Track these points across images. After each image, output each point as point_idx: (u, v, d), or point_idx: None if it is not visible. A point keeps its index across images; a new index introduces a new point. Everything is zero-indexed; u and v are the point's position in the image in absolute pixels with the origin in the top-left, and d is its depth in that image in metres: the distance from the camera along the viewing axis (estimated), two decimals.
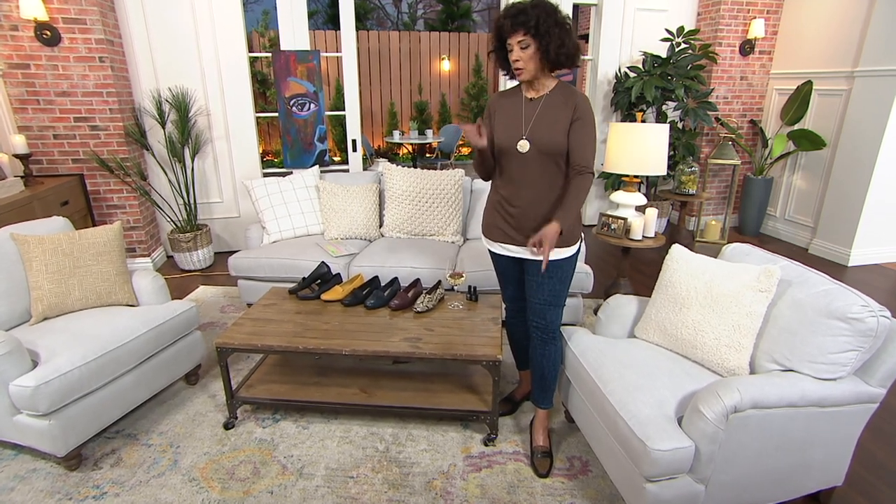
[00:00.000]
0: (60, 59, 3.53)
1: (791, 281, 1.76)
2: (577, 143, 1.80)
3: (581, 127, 1.79)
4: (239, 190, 4.36)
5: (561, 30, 1.72)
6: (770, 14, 4.65)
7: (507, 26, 1.74)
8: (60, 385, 1.84)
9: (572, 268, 1.95)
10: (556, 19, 1.72)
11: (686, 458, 1.52)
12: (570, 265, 1.93)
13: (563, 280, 1.93)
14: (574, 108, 1.80)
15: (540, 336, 1.97)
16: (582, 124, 1.79)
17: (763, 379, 1.58)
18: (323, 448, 2.10)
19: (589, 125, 1.81)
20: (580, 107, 1.80)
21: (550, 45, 1.72)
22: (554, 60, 1.77)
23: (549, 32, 1.71)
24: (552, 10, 1.73)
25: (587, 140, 1.80)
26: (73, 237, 2.28)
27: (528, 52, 1.74)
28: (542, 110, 1.84)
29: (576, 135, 1.80)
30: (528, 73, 1.79)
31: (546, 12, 1.72)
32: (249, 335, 2.12)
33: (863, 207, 3.96)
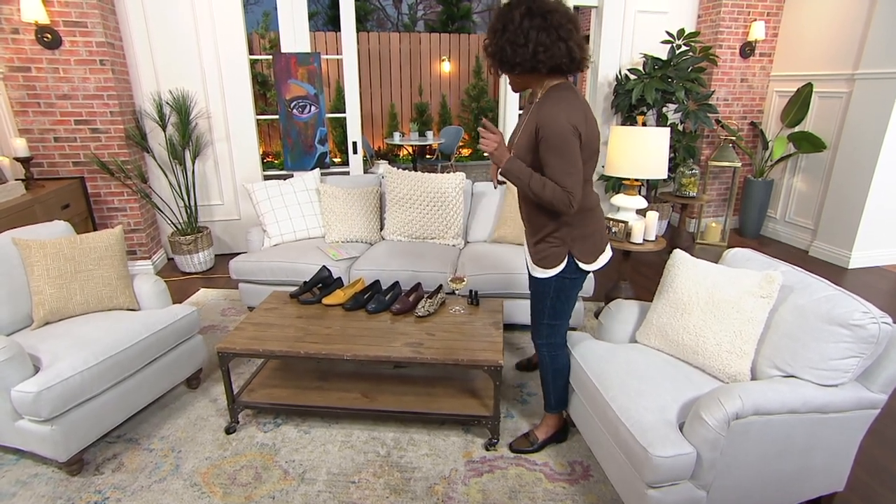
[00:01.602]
0: (61, 62, 3.53)
1: (793, 287, 1.76)
2: (545, 164, 1.65)
3: (544, 150, 1.63)
4: (239, 192, 4.37)
5: (505, 41, 1.61)
6: (770, 16, 4.65)
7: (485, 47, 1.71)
8: (62, 390, 1.84)
9: (546, 290, 1.88)
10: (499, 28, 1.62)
11: (688, 465, 1.52)
12: (543, 286, 1.88)
13: (537, 298, 1.93)
14: (537, 122, 1.64)
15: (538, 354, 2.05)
16: (545, 147, 1.63)
17: (765, 385, 1.58)
18: (324, 453, 2.10)
19: (552, 145, 1.61)
20: (542, 129, 1.62)
21: (496, 56, 1.65)
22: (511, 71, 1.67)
23: (496, 50, 1.64)
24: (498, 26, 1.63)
25: (551, 163, 1.63)
26: (75, 241, 2.28)
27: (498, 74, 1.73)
28: (523, 122, 1.76)
29: (542, 157, 1.65)
30: (516, 86, 1.77)
31: (491, 31, 1.64)
32: (251, 340, 2.12)
33: (863, 210, 3.96)
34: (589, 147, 1.69)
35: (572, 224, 1.78)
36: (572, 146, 1.61)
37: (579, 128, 1.61)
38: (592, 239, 1.83)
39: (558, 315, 1.93)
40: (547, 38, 1.57)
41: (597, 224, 1.86)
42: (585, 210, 1.80)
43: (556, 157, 1.61)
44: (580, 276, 1.86)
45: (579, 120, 1.62)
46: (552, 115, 1.60)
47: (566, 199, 1.63)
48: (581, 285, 1.91)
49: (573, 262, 1.81)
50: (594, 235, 1.84)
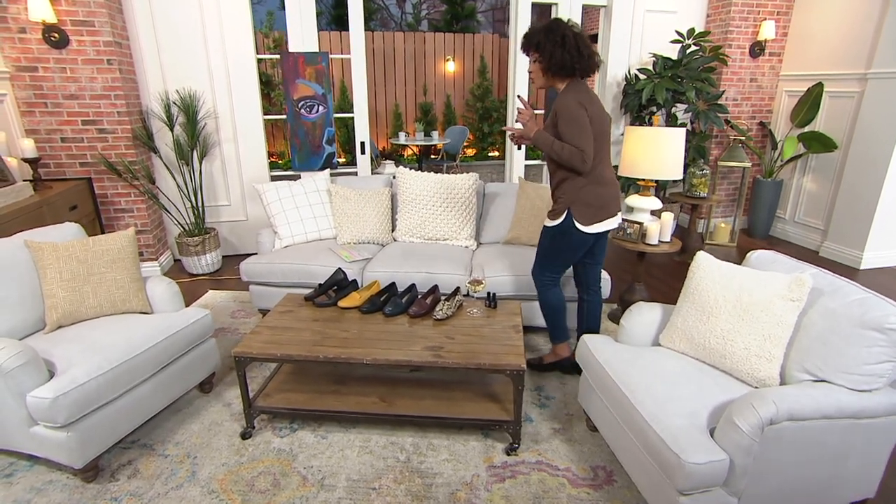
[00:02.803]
0: (68, 61, 3.49)
1: (822, 290, 1.73)
2: (562, 134, 2.16)
3: (563, 125, 2.15)
4: (247, 193, 4.33)
5: (553, 45, 2.12)
6: (780, 15, 4.63)
7: (522, 46, 2.25)
8: (78, 396, 1.81)
9: (545, 235, 2.38)
10: (553, 37, 2.12)
11: (721, 472, 1.49)
12: (544, 232, 2.38)
13: (539, 240, 2.44)
14: (555, 109, 2.18)
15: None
16: (563, 122, 2.15)
17: (798, 390, 1.55)
18: (343, 458, 2.07)
19: (564, 118, 2.13)
20: (558, 108, 2.16)
21: (543, 59, 2.16)
22: (551, 70, 2.17)
23: (544, 48, 2.14)
24: (553, 29, 2.14)
25: (565, 129, 2.14)
26: (87, 244, 2.25)
27: (535, 66, 2.22)
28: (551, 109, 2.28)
29: (560, 129, 2.16)
30: (538, 82, 2.26)
31: (547, 31, 2.14)
32: (267, 344, 2.09)
33: (876, 210, 3.94)
34: (598, 124, 2.18)
35: (579, 191, 2.23)
36: (580, 116, 2.12)
37: (584, 104, 2.13)
38: (593, 208, 2.25)
39: (548, 260, 2.41)
40: (578, 51, 2.14)
41: (602, 199, 2.27)
42: (594, 184, 2.24)
43: (568, 125, 2.12)
44: (573, 234, 2.27)
45: (585, 100, 2.15)
46: (564, 99, 2.16)
47: (580, 156, 2.12)
48: (575, 244, 2.31)
49: (570, 220, 2.25)
50: (595, 205, 2.26)
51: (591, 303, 2.58)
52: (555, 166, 2.27)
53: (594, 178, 2.23)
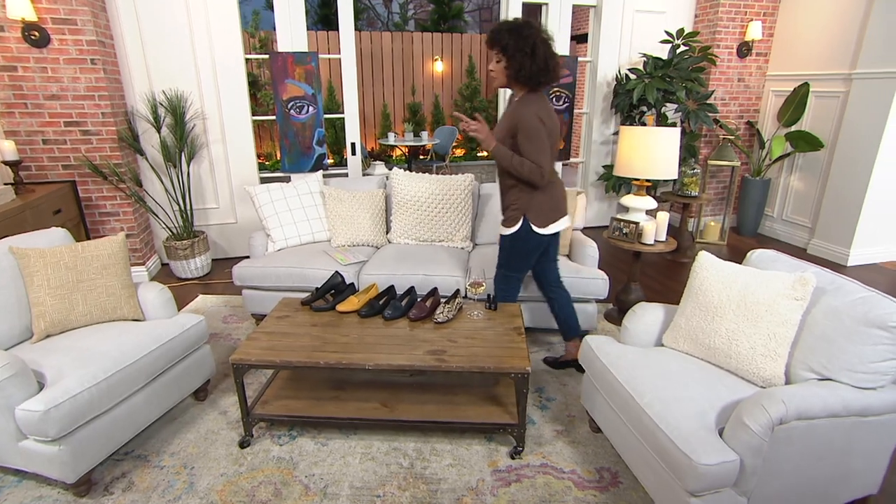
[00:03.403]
0: (49, 60, 3.39)
1: (825, 288, 1.75)
2: (522, 150, 2.18)
3: (523, 139, 2.16)
4: (236, 195, 4.25)
5: (524, 55, 2.08)
6: (766, 16, 4.69)
7: (487, 40, 2.17)
8: (71, 408, 1.74)
9: (503, 244, 2.42)
10: (524, 46, 2.07)
11: (732, 472, 1.49)
12: (502, 241, 2.42)
13: (499, 250, 2.47)
14: (516, 122, 2.15)
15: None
16: (523, 137, 2.15)
17: (806, 389, 1.56)
18: (345, 465, 2.03)
19: (527, 135, 2.14)
20: (520, 123, 2.14)
21: (512, 67, 2.12)
22: (516, 78, 2.14)
23: (514, 56, 2.09)
24: (525, 37, 2.08)
25: (527, 146, 2.16)
26: (76, 250, 2.17)
27: (499, 66, 2.16)
28: (505, 114, 2.28)
29: (520, 144, 2.17)
30: (498, 81, 2.21)
31: (519, 37, 2.08)
32: (266, 350, 2.04)
33: (862, 208, 4.01)
34: (552, 136, 2.21)
35: (532, 197, 2.27)
36: (541, 131, 2.14)
37: (543, 119, 2.14)
38: (546, 210, 2.31)
39: (511, 267, 2.46)
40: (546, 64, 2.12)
41: (554, 200, 2.33)
42: (545, 188, 2.29)
43: (530, 142, 2.14)
44: (532, 238, 2.33)
45: (544, 114, 2.16)
46: (526, 113, 2.13)
47: (539, 172, 2.17)
48: (533, 247, 2.37)
49: (527, 224, 2.30)
50: (548, 207, 2.31)
51: (560, 298, 2.61)
52: (506, 174, 2.29)
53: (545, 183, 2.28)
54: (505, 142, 2.20)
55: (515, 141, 2.17)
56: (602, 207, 5.23)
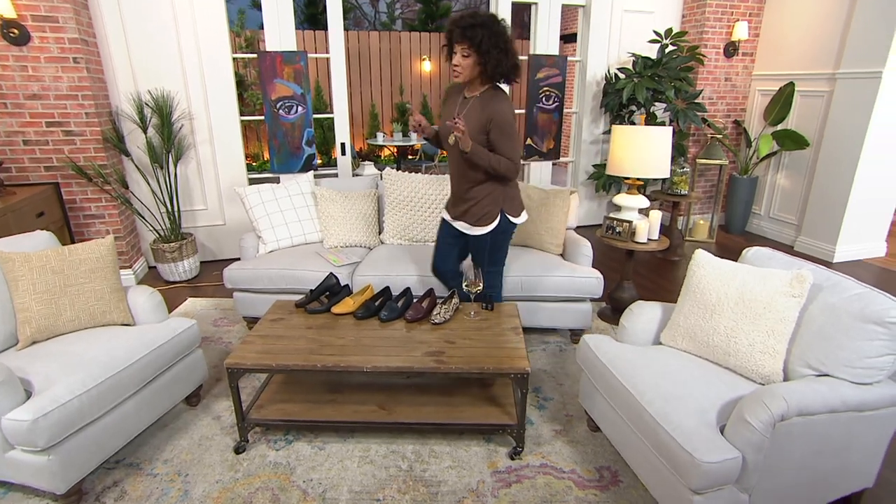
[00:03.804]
0: (30, 59, 3.30)
1: (821, 285, 1.76)
2: (498, 146, 2.15)
3: (498, 135, 2.13)
4: (224, 196, 4.18)
5: (500, 52, 2.03)
6: (752, 16, 4.75)
7: (456, 34, 2.04)
8: (60, 416, 1.69)
9: (483, 244, 2.37)
10: (498, 42, 2.03)
11: (734, 469, 1.50)
12: (481, 242, 2.36)
13: (477, 251, 2.40)
14: (490, 117, 2.11)
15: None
16: (498, 132, 2.12)
17: (805, 385, 1.57)
18: (343, 469, 2.00)
19: (506, 132, 2.12)
20: (496, 118, 2.10)
21: (488, 64, 2.05)
22: (490, 75, 2.10)
23: (489, 52, 2.02)
24: (498, 33, 2.03)
25: (504, 145, 2.14)
26: (63, 253, 2.11)
27: (467, 61, 2.06)
28: (468, 111, 2.18)
29: (494, 141, 2.15)
30: (464, 77, 2.12)
31: (492, 34, 2.01)
32: (261, 354, 2.00)
33: (847, 205, 4.08)
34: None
35: (505, 189, 2.28)
36: (516, 129, 2.16)
37: (513, 114, 2.16)
38: (517, 199, 2.35)
39: (498, 261, 2.46)
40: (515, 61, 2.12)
41: (517, 189, 2.37)
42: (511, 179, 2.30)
43: (509, 139, 2.14)
44: (510, 229, 2.36)
45: (513, 108, 2.18)
46: (503, 109, 2.11)
47: (514, 168, 2.18)
48: (510, 236, 2.40)
49: (505, 218, 2.31)
50: (518, 197, 2.36)
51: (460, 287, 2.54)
52: (473, 169, 2.21)
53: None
54: (477, 139, 2.14)
55: (487, 137, 2.14)
56: (592, 207, 5.26)
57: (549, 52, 4.58)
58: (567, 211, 3.05)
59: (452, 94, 2.34)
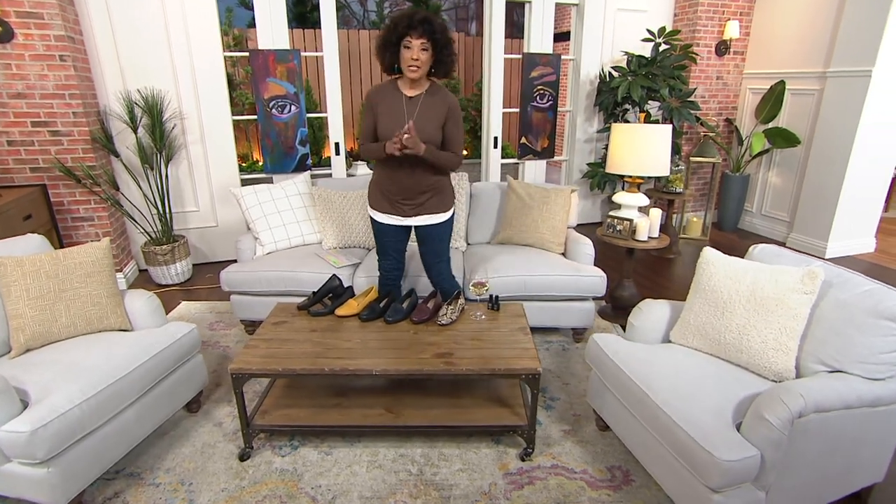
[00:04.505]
0: (14, 56, 3.19)
1: (831, 282, 1.77)
2: (452, 138, 2.25)
3: (454, 126, 2.24)
4: (216, 197, 4.10)
5: (451, 46, 2.11)
6: (743, 15, 4.80)
7: (415, 29, 2.02)
8: (60, 427, 1.63)
9: (448, 228, 2.43)
10: (448, 37, 2.10)
11: (753, 467, 1.49)
12: (446, 226, 2.42)
13: (441, 239, 2.42)
14: (448, 109, 2.21)
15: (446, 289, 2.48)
16: (454, 123, 2.23)
17: (821, 382, 1.57)
18: (352, 475, 1.96)
19: (459, 123, 2.25)
20: (452, 109, 2.22)
21: (445, 58, 2.11)
22: (443, 71, 2.16)
23: (445, 46, 2.09)
24: (445, 28, 2.10)
25: (458, 135, 2.26)
26: (57, 257, 2.04)
27: (426, 55, 2.07)
28: (420, 109, 2.20)
29: (450, 132, 2.24)
30: (420, 73, 2.10)
31: (444, 28, 2.08)
32: (267, 358, 1.96)
33: (838, 202, 4.14)
34: None
35: (447, 178, 2.39)
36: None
37: None
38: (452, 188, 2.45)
39: (448, 250, 2.50)
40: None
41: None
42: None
43: (460, 131, 2.26)
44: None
45: None
46: (456, 102, 2.23)
47: (458, 162, 2.29)
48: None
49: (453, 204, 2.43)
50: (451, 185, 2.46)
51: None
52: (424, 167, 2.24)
53: None
54: (435, 134, 2.19)
55: (445, 128, 2.22)
56: (586, 205, 5.26)
57: (542, 50, 4.58)
58: (568, 209, 3.04)
59: (385, 97, 2.21)
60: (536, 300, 2.80)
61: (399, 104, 2.20)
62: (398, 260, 2.54)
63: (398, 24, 2.05)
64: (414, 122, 2.10)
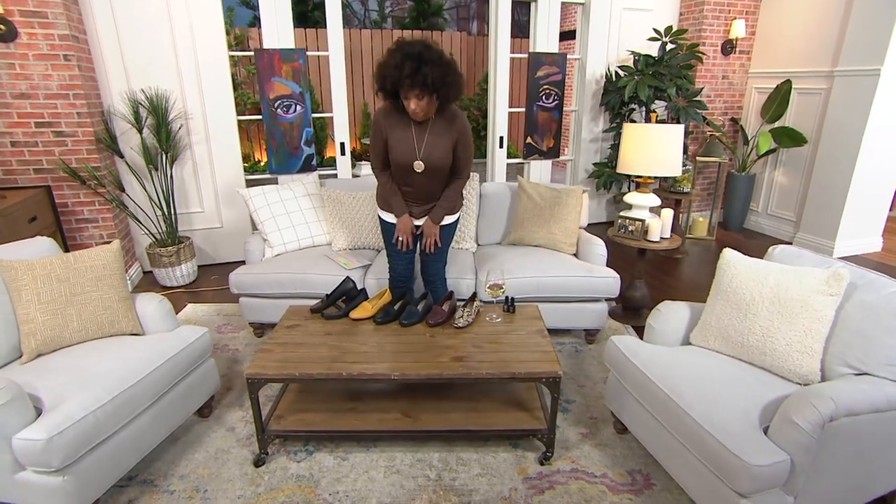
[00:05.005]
0: (18, 56, 3.15)
1: (855, 283, 1.75)
2: (462, 159, 2.27)
3: (463, 147, 2.25)
4: (221, 198, 4.06)
5: (450, 79, 2.00)
6: (749, 14, 4.78)
7: (404, 85, 1.96)
8: (75, 434, 1.60)
9: (454, 229, 2.50)
10: (444, 70, 1.97)
11: (783, 472, 1.47)
12: (453, 227, 2.48)
13: (446, 240, 2.46)
14: (458, 132, 2.20)
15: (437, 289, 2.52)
16: (464, 145, 2.24)
17: (850, 385, 1.55)
18: (370, 481, 1.93)
19: (469, 144, 2.26)
20: (462, 132, 2.21)
21: (445, 96, 2.04)
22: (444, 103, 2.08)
23: (442, 86, 1.99)
24: (437, 59, 1.95)
25: (468, 155, 2.28)
26: (68, 260, 2.00)
27: (423, 103, 2.02)
28: (430, 137, 2.20)
29: (460, 155, 2.26)
30: (427, 115, 2.11)
31: (435, 65, 1.94)
32: (283, 363, 1.93)
33: (846, 201, 4.13)
34: None
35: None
36: None
37: None
38: None
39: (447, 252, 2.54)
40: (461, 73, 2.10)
41: None
42: None
43: (469, 151, 2.28)
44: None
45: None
46: (467, 125, 2.22)
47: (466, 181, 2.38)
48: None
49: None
50: None
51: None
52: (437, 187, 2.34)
53: None
54: (447, 157, 2.23)
55: (457, 151, 2.24)
56: (592, 205, 5.24)
57: (548, 49, 4.55)
58: (580, 210, 3.02)
59: (394, 124, 2.20)
60: (549, 301, 2.77)
61: (408, 131, 2.20)
62: (409, 261, 2.51)
63: (387, 78, 2.01)
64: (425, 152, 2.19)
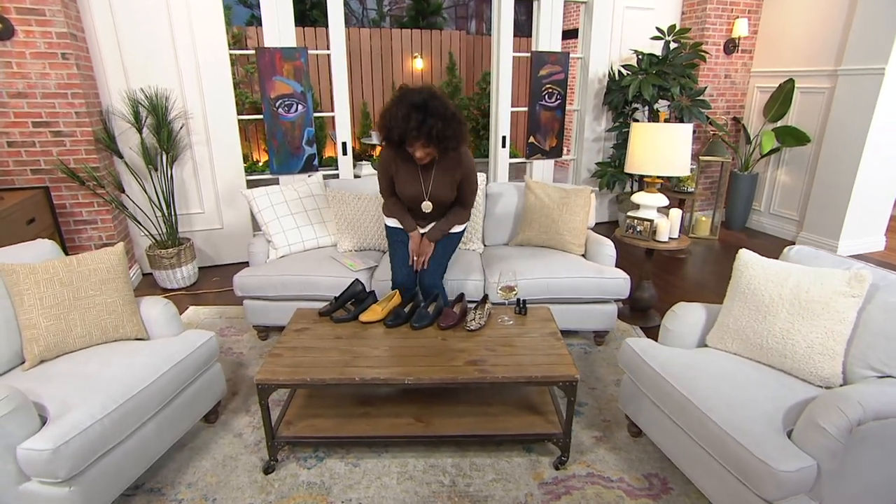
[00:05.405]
0: (14, 54, 3.09)
1: (877, 284, 1.73)
2: (466, 194, 2.46)
3: (468, 184, 2.43)
4: (222, 199, 4.01)
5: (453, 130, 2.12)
6: (751, 13, 4.77)
7: (410, 137, 2.09)
8: (82, 443, 1.55)
9: (458, 240, 2.62)
10: (448, 120, 2.09)
11: (810, 477, 1.45)
12: (457, 237, 2.61)
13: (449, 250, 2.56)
14: (462, 174, 2.36)
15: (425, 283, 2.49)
16: (468, 182, 2.42)
17: (876, 388, 1.53)
18: (383, 487, 1.89)
19: (474, 181, 2.45)
20: (467, 174, 2.38)
21: (450, 144, 2.16)
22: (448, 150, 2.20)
23: (447, 137, 2.12)
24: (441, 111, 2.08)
25: (472, 191, 2.48)
26: (70, 264, 1.95)
27: (429, 150, 2.17)
28: (436, 177, 2.37)
29: (465, 189, 2.43)
30: (430, 158, 2.24)
31: (439, 117, 2.06)
32: (293, 368, 1.88)
33: (849, 200, 4.12)
34: None
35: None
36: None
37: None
38: None
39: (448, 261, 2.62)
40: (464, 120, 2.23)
41: None
42: None
43: (475, 188, 2.49)
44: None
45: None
46: (472, 164, 2.39)
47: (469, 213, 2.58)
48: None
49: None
50: None
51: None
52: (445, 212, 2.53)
53: None
54: (450, 195, 2.41)
55: (461, 188, 2.41)
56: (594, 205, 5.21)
57: (551, 48, 4.52)
58: (588, 210, 2.99)
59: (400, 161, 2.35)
60: (558, 303, 2.74)
61: (415, 173, 2.36)
62: (412, 269, 2.50)
63: (393, 129, 2.11)
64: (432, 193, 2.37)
